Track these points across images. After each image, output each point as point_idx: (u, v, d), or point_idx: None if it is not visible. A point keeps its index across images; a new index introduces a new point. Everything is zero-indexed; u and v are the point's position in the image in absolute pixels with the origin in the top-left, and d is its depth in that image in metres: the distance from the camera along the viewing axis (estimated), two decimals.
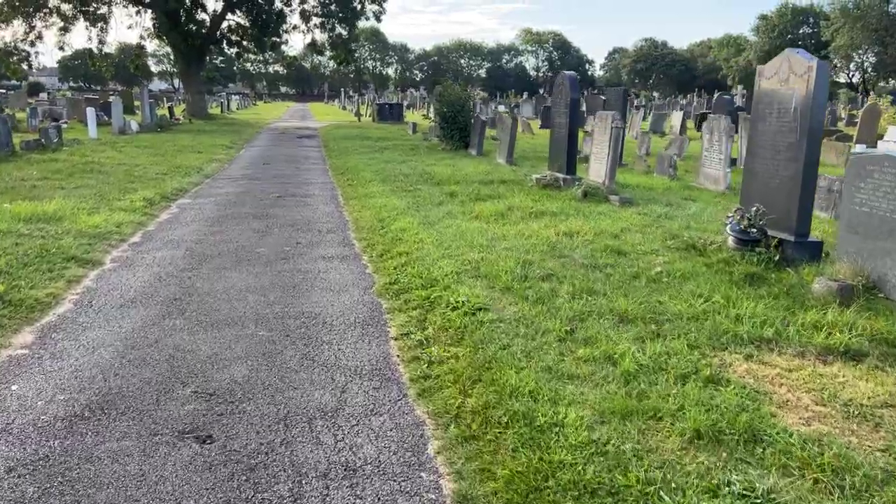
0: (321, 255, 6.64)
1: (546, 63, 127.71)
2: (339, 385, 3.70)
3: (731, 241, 6.05)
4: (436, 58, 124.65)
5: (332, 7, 32.84)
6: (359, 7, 32.04)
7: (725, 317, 4.39)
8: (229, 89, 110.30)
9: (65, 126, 23.37)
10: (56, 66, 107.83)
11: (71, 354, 4.05)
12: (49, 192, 9.26)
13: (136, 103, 28.77)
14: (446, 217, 8.05)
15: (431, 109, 48.13)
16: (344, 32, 33.48)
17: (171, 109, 29.95)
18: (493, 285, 5.20)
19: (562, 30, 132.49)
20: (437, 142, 19.87)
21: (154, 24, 30.55)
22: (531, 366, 3.71)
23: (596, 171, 10.02)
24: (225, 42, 34.02)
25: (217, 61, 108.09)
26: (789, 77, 5.85)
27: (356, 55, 35.85)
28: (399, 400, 3.54)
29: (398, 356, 4.14)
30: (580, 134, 14.77)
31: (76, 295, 5.21)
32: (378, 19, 32.42)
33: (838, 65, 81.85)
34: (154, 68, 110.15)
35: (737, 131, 13.77)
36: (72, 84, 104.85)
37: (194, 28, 30.85)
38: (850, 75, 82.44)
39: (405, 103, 41.91)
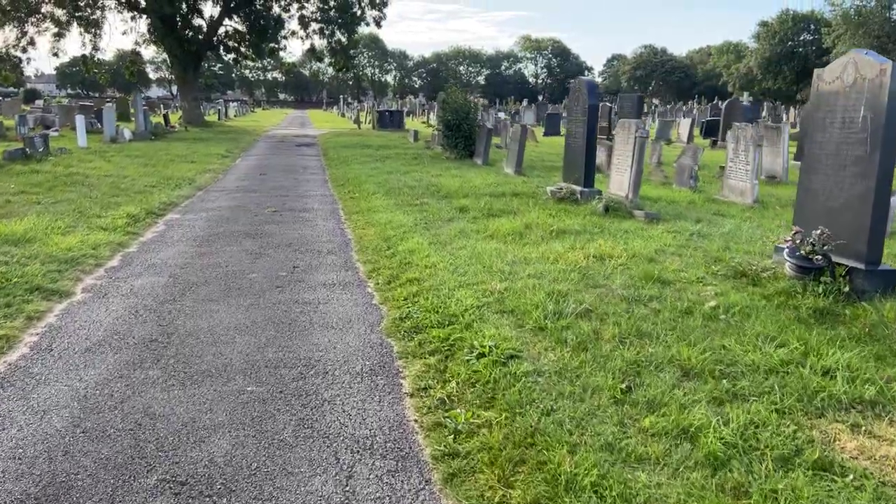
0: (321, 282, 5.89)
1: (545, 70, 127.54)
2: (345, 467, 2.94)
3: (788, 269, 5.30)
4: (434, 65, 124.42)
5: (332, 13, 32.21)
6: (359, 13, 31.39)
7: (811, 370, 3.63)
8: (228, 96, 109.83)
9: (55, 134, 22.65)
10: (54, 72, 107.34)
11: (14, 422, 3.29)
12: (23, 207, 8.51)
13: (133, 111, 28.09)
14: (459, 236, 7.30)
15: (433, 116, 47.52)
16: (343, 38, 32.85)
17: (166, 117, 29.23)
18: (523, 323, 4.45)
19: (559, 37, 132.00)
20: (440, 150, 19.16)
21: (149, 30, 29.88)
22: (586, 441, 2.95)
23: (617, 183, 9.29)
24: (222, 48, 33.37)
25: (216, 68, 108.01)
26: (856, 80, 5.12)
27: (355, 62, 35.02)
28: (421, 490, 2.78)
29: (416, 420, 3.38)
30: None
31: (35, 336, 4.45)
32: (378, 25, 31.81)
33: None
34: (152, 75, 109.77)
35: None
36: (70, 91, 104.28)
37: (190, 34, 30.19)
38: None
39: (405, 110, 41.19)
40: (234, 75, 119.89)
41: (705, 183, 12.63)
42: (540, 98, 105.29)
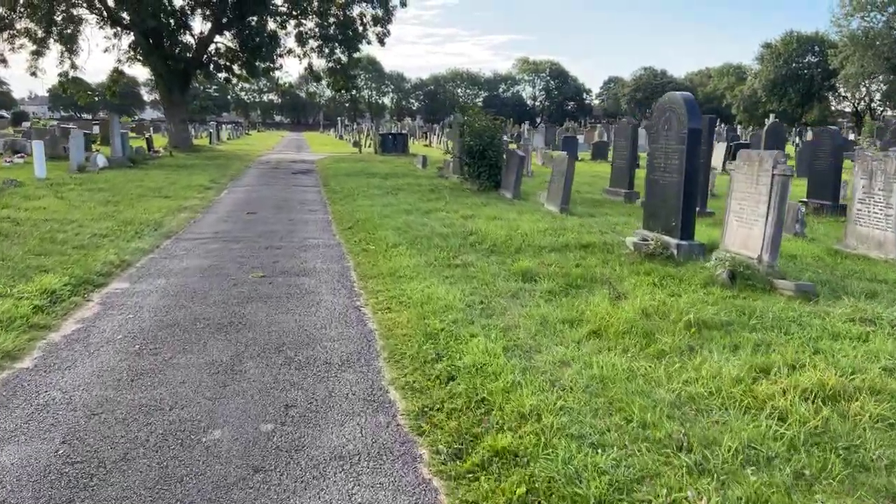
0: (333, 448, 3.26)
1: (543, 92, 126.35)
2: None
3: None
4: (432, 87, 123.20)
5: (331, 30, 29.90)
6: (360, 29, 29.06)
7: None
8: (223, 118, 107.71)
9: (20, 161, 20.11)
10: (47, 94, 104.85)
11: None
12: None
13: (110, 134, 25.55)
14: (543, 331, 4.70)
15: (435, 140, 45.20)
16: (343, 57, 30.49)
17: (149, 141, 26.68)
18: None
19: (557, 60, 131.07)
20: (457, 180, 16.63)
21: (132, 46, 27.47)
22: None
23: (741, 238, 6.69)
24: (213, 67, 30.95)
25: (211, 90, 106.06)
26: None
27: (355, 82, 32.68)
28: None
29: None
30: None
31: None
32: (382, 42, 29.44)
33: (843, 93, 79.98)
34: (147, 97, 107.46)
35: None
36: (62, 113, 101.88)
37: (178, 51, 27.77)
38: (857, 104, 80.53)
39: (408, 133, 38.77)
40: (229, 97, 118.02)
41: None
42: (538, 120, 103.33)
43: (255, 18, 28.86)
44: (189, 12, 27.92)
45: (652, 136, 8.01)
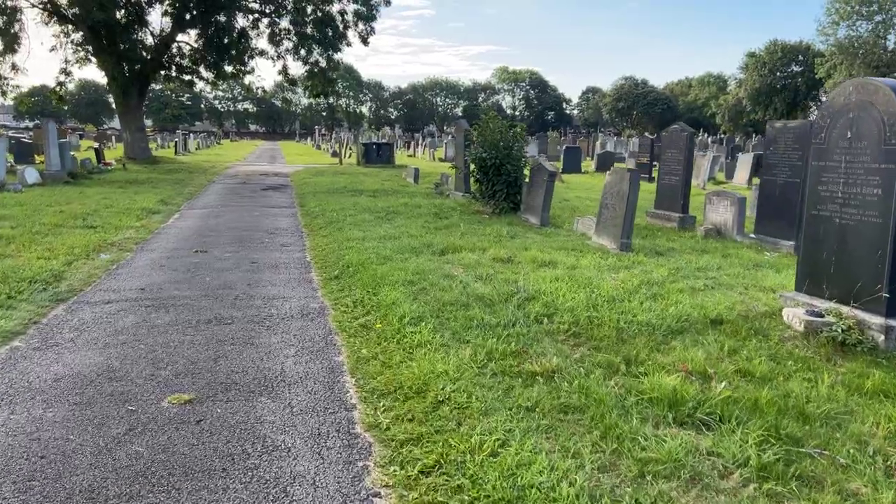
0: None
1: (523, 102, 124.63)
2: None
3: None
4: (411, 96, 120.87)
5: (308, 29, 26.82)
6: (341, 27, 26.05)
7: None
8: (196, 127, 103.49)
9: None
10: (11, 102, 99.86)
11: None
12: None
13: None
14: None
15: (420, 150, 42.12)
16: (322, 59, 27.41)
17: (98, 152, 23.33)
18: None
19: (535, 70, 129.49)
20: (463, 199, 13.72)
21: (79, 44, 24.16)
22: None
23: None
24: (175, 69, 27.69)
25: (184, 97, 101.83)
26: None
27: (335, 87, 29.66)
28: None
29: None
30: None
31: None
32: (365, 42, 26.39)
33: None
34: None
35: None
36: (28, 123, 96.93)
37: (134, 50, 24.49)
38: None
39: (394, 143, 35.75)
40: (202, 105, 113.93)
41: None
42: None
43: (222, 12, 25.71)
44: (146, 6, 24.68)
45: (818, 149, 5.12)
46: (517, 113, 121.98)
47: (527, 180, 11.92)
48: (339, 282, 6.79)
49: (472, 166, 12.39)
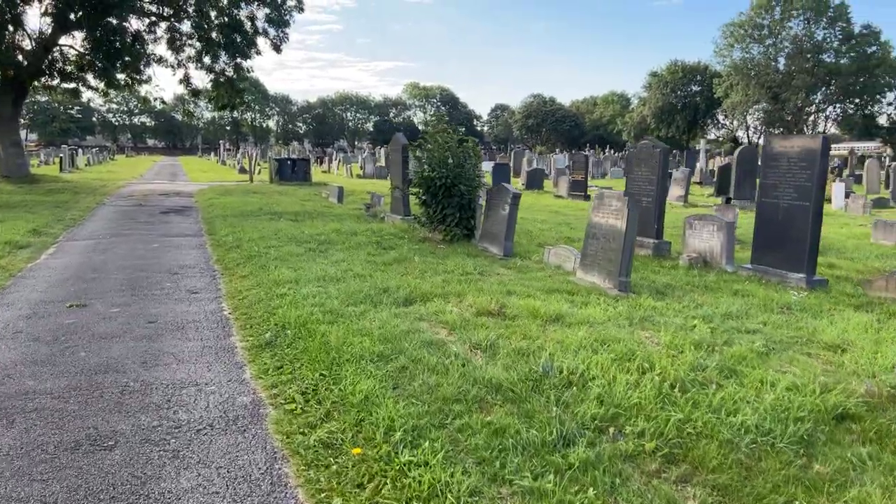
0: None
1: (434, 118, 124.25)
2: None
3: None
4: (320, 110, 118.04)
5: (213, 35, 24.31)
6: (251, 32, 23.74)
7: None
8: (87, 142, 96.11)
9: None
10: None
11: None
12: None
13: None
14: None
15: (335, 166, 39.87)
16: (229, 69, 24.92)
17: None
18: None
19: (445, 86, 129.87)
20: (403, 223, 12.00)
21: None
22: None
23: None
24: (58, 76, 24.43)
25: (73, 110, 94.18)
26: None
27: (244, 98, 27.16)
28: None
29: None
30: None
31: None
32: (278, 49, 24.14)
33: (722, 122, 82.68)
34: None
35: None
36: None
37: (7, 54, 21.22)
38: (735, 131, 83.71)
39: (310, 159, 33.46)
40: (94, 119, 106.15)
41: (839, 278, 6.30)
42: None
43: (113, 18, 22.83)
44: (21, 4, 21.51)
45: None
46: (429, 129, 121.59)
47: (481, 202, 10.35)
48: (273, 353, 4.89)
49: (418, 187, 10.69)
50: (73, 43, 24.11)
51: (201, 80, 26.04)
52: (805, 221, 7.61)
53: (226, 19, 23.87)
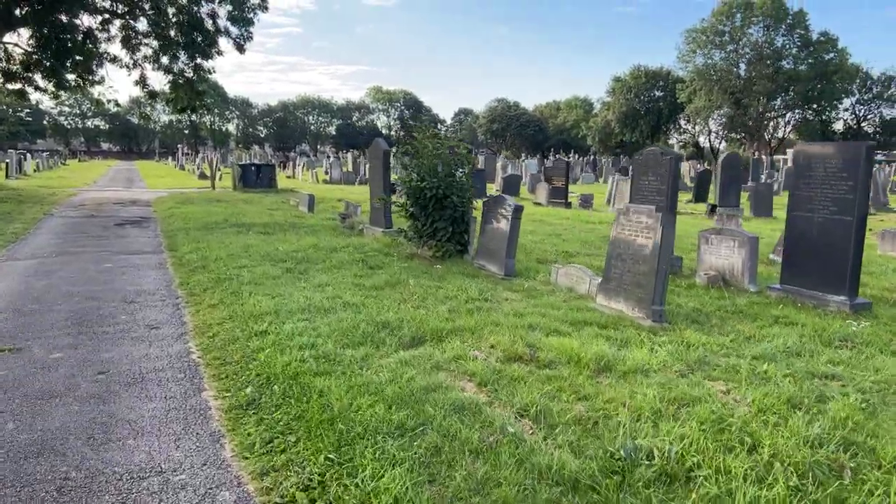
0: None
1: (398, 121, 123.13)
2: None
3: None
4: (281, 114, 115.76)
5: (172, 33, 22.91)
6: (212, 30, 22.42)
7: None
8: (37, 146, 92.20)
9: None
10: None
11: None
12: None
13: None
14: None
15: (300, 171, 38.39)
16: (189, 69, 23.53)
17: None
18: None
19: (409, 90, 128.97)
20: (384, 237, 10.99)
21: None
22: None
23: None
24: (1, 75, 22.72)
25: (22, 113, 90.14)
26: None
27: (205, 100, 25.69)
28: None
29: None
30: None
31: None
32: (241, 49, 22.85)
33: (684, 126, 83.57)
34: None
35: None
36: None
37: None
38: (696, 136, 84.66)
39: (274, 164, 32.07)
40: (45, 122, 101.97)
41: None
42: (394, 150, 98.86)
43: (62, 14, 21.28)
44: None
45: None
46: (393, 133, 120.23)
47: (475, 215, 9.43)
48: (259, 417, 3.86)
49: (404, 198, 9.69)
50: (19, 41, 22.51)
51: (159, 81, 24.54)
52: (846, 238, 6.87)
53: (185, 17, 22.49)
